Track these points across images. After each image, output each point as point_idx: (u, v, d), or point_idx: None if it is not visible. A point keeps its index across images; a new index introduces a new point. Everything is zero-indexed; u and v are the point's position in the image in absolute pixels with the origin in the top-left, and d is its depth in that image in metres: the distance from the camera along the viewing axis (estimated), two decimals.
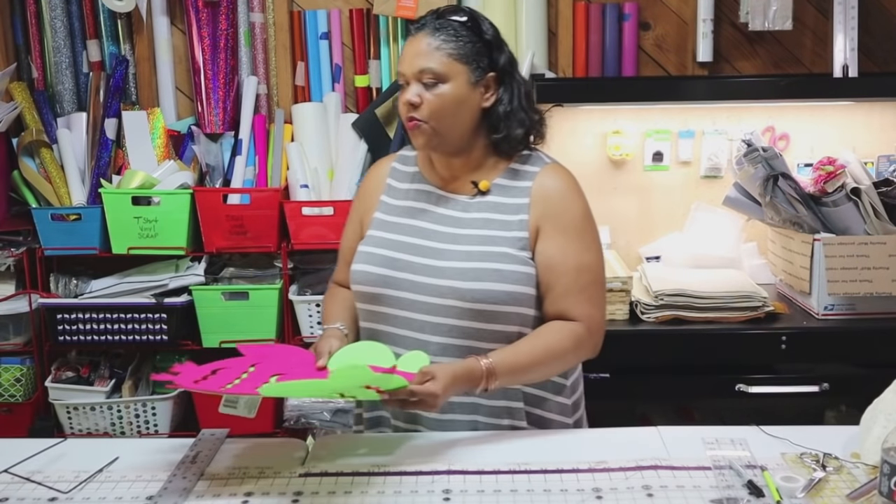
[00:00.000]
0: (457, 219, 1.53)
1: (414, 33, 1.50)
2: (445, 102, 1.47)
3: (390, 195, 1.60)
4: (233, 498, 1.23)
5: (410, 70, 1.47)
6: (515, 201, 1.52)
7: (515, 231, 1.49)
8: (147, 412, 2.50)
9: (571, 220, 1.51)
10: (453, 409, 1.49)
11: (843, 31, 2.39)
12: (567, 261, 1.48)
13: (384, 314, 1.51)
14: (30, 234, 2.50)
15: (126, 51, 2.59)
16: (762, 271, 2.55)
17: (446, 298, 1.46)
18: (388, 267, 1.50)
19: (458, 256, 1.47)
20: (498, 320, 1.46)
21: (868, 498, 1.16)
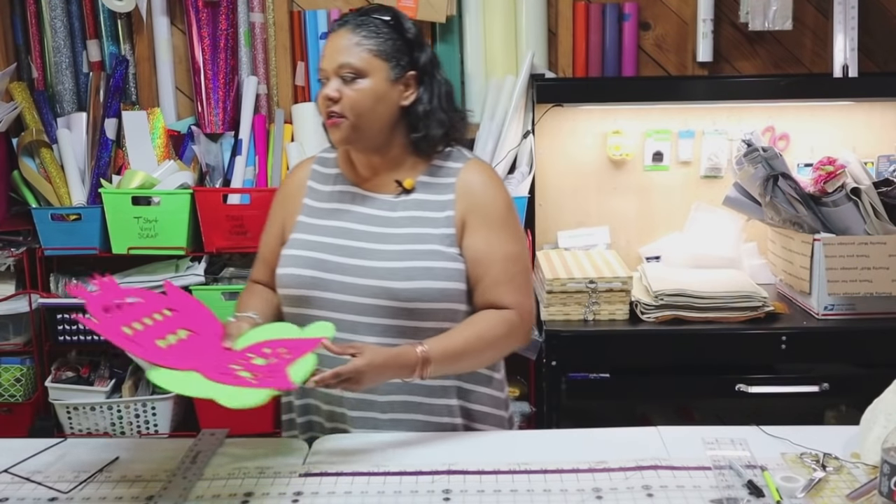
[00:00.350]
0: (383, 218, 1.53)
1: (335, 30, 1.50)
2: (364, 97, 1.47)
3: (312, 198, 1.60)
4: (233, 498, 1.23)
5: (330, 65, 1.48)
6: (441, 198, 1.53)
7: (443, 228, 1.50)
8: (147, 412, 2.50)
9: (496, 212, 1.53)
10: (394, 409, 1.50)
11: (843, 31, 2.39)
12: (494, 252, 1.51)
13: (313, 317, 1.49)
14: (30, 234, 2.50)
15: (126, 51, 2.59)
16: (762, 271, 2.55)
17: (378, 298, 1.46)
18: (316, 269, 1.50)
19: (389, 256, 1.48)
20: (430, 318, 1.48)
21: (868, 498, 1.16)
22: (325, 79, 1.50)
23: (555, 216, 2.61)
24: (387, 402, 1.50)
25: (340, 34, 1.49)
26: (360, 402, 1.49)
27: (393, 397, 1.50)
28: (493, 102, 2.50)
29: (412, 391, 1.50)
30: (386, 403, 1.50)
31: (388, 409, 1.50)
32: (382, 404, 1.50)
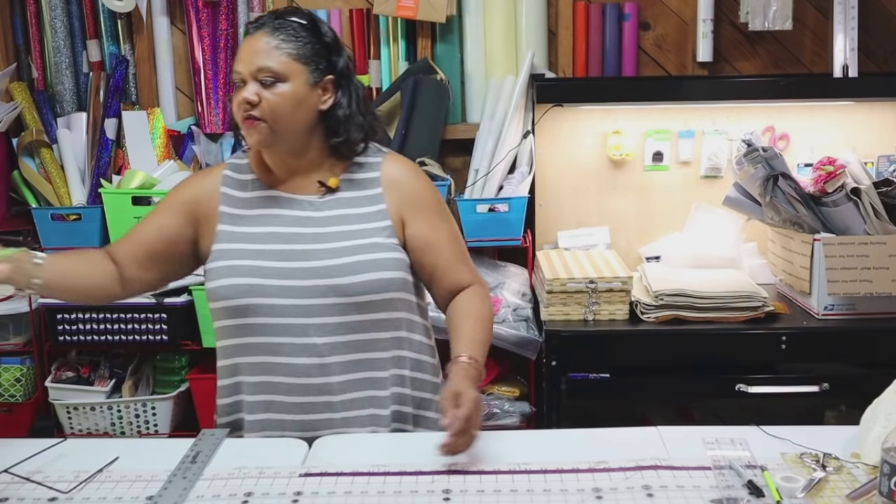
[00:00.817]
0: (311, 219, 1.52)
1: (252, 32, 1.49)
2: (284, 101, 1.47)
3: (230, 205, 1.55)
4: (233, 498, 1.23)
5: (248, 69, 1.46)
6: (368, 193, 1.54)
7: (378, 221, 1.52)
8: (147, 412, 2.50)
9: (428, 198, 1.57)
10: (358, 423, 1.51)
11: (843, 31, 2.39)
12: (440, 236, 1.55)
13: (257, 325, 1.48)
14: (30, 234, 2.50)
15: (126, 51, 2.59)
16: (762, 271, 2.55)
17: (326, 297, 1.46)
18: (253, 276, 1.48)
19: (330, 254, 1.48)
20: (382, 309, 1.49)
21: (868, 498, 1.16)
22: (240, 81, 1.47)
23: (555, 216, 2.61)
24: (340, 402, 1.50)
25: (258, 37, 1.47)
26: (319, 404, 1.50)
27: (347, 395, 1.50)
28: (493, 102, 2.50)
29: (364, 387, 1.50)
30: (339, 403, 1.50)
31: (342, 409, 1.50)
32: (336, 404, 1.50)
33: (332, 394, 1.49)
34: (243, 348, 1.51)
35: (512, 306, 2.40)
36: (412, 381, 1.56)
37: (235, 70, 1.49)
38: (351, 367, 1.49)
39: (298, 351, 1.47)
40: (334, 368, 1.48)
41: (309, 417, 1.49)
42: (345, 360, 1.49)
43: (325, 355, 1.47)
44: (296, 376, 1.48)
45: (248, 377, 1.52)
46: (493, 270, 2.50)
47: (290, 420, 1.50)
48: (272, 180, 1.57)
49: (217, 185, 1.57)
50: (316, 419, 1.50)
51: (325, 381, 1.48)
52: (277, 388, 1.50)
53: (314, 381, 1.48)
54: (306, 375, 1.48)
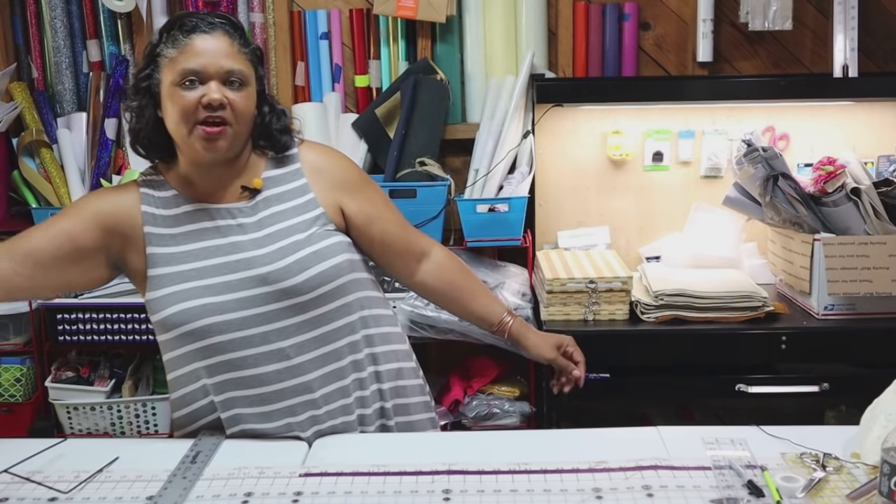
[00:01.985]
0: (246, 225, 1.48)
1: (205, 30, 1.40)
2: (249, 104, 1.44)
3: (156, 225, 1.46)
4: (233, 498, 1.23)
5: (216, 68, 1.38)
6: (293, 185, 1.52)
7: (310, 211, 1.51)
8: (147, 412, 2.50)
9: (354, 176, 1.59)
10: (345, 411, 1.51)
11: (843, 31, 2.39)
12: (378, 208, 1.59)
13: (219, 344, 1.44)
14: None
15: (126, 51, 2.59)
16: (762, 271, 2.54)
17: (281, 301, 1.44)
18: (204, 296, 1.43)
19: (273, 257, 1.45)
20: (337, 296, 1.49)
21: (868, 498, 1.16)
22: (197, 81, 1.38)
23: (555, 216, 2.61)
24: (321, 397, 1.49)
25: (217, 37, 1.40)
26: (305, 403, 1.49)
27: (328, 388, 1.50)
28: (493, 102, 2.50)
29: (342, 375, 1.51)
30: (321, 398, 1.49)
31: (324, 403, 1.50)
32: (317, 400, 1.49)
33: (312, 391, 1.48)
34: (216, 368, 1.46)
35: (512, 306, 2.40)
36: (384, 354, 1.57)
37: (189, 69, 1.37)
38: (322, 360, 1.48)
39: (264, 359, 1.45)
40: (306, 367, 1.47)
41: (290, 420, 1.48)
42: (316, 356, 1.48)
43: (292, 357, 1.46)
44: (268, 385, 1.46)
45: (217, 396, 1.48)
46: (493, 270, 2.50)
47: (271, 427, 1.48)
48: (195, 193, 1.49)
49: (136, 203, 1.47)
50: (298, 421, 1.48)
51: (300, 382, 1.47)
52: (250, 401, 1.47)
53: (288, 384, 1.47)
54: (278, 381, 1.46)
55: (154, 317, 1.46)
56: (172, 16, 1.49)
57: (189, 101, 1.37)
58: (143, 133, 1.47)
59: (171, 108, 1.40)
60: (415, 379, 1.64)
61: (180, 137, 1.41)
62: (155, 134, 1.46)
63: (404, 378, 1.61)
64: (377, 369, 1.56)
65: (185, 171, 1.48)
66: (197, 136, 1.39)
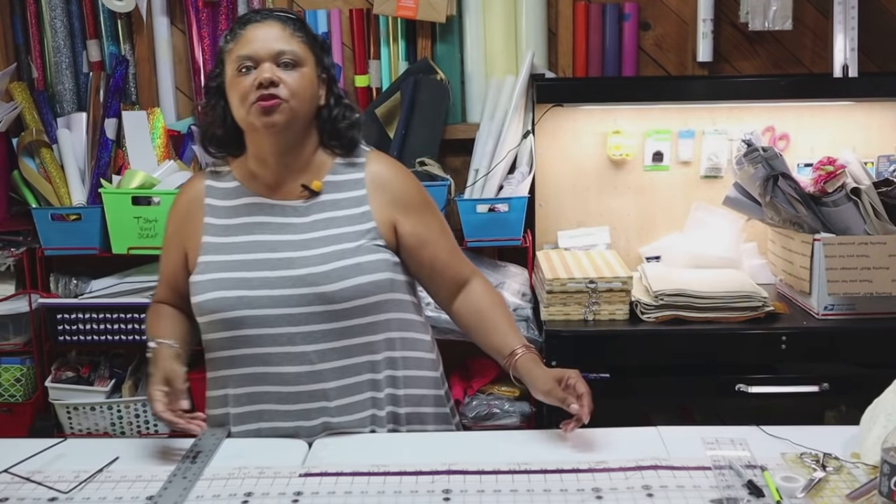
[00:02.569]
0: (297, 225, 1.50)
1: (258, 21, 1.47)
2: (304, 84, 1.46)
3: (214, 215, 1.54)
4: (233, 498, 1.23)
5: (267, 51, 1.43)
6: (352, 195, 1.52)
7: (363, 223, 1.50)
8: (147, 412, 2.50)
9: (415, 195, 1.57)
10: (356, 426, 1.51)
11: (843, 31, 2.39)
12: (433, 232, 1.57)
13: (246, 337, 1.47)
14: (30, 234, 2.50)
15: (126, 51, 2.59)
16: (762, 271, 2.54)
17: (313, 305, 1.45)
18: (241, 288, 1.46)
19: (315, 261, 1.46)
20: (370, 312, 1.48)
21: (868, 498, 1.16)
22: (252, 65, 1.43)
23: (555, 216, 2.61)
24: (336, 407, 1.50)
25: (269, 24, 1.46)
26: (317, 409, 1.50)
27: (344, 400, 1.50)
28: (493, 102, 2.50)
29: (360, 390, 1.51)
30: (335, 408, 1.50)
31: (337, 414, 1.50)
32: (332, 409, 1.49)
33: (328, 399, 1.48)
34: (232, 360, 1.50)
35: (512, 306, 2.40)
36: (405, 379, 1.55)
37: (243, 55, 1.44)
38: (344, 372, 1.48)
39: (288, 360, 1.46)
40: (326, 375, 1.47)
41: (303, 424, 1.49)
42: (336, 367, 1.48)
43: (315, 363, 1.47)
44: (286, 385, 1.47)
45: (236, 389, 1.51)
46: (493, 270, 2.50)
47: (282, 427, 1.49)
48: (256, 187, 1.54)
49: (200, 196, 1.56)
50: (311, 425, 1.49)
51: (318, 388, 1.48)
52: (268, 398, 1.49)
53: (306, 388, 1.48)
54: (297, 384, 1.47)
55: (193, 298, 1.50)
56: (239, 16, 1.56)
57: (245, 84, 1.43)
58: (213, 129, 1.53)
59: (232, 95, 1.46)
60: (438, 407, 1.61)
61: (242, 120, 1.47)
62: (224, 130, 1.53)
63: (423, 405, 1.59)
64: (395, 392, 1.54)
65: (251, 165, 1.53)
66: (254, 113, 1.43)
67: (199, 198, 1.56)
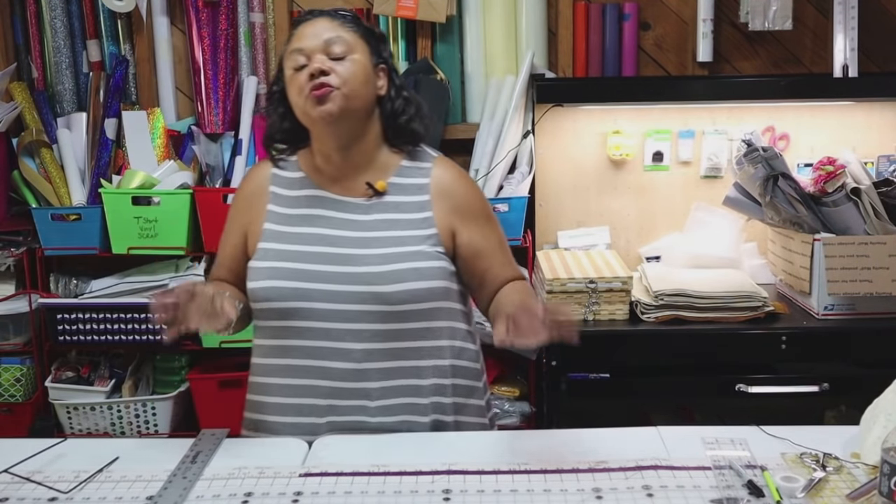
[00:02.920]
0: (358, 222, 1.50)
1: (308, 19, 1.49)
2: (356, 70, 1.46)
3: (278, 203, 1.55)
4: (233, 498, 1.23)
5: (314, 43, 1.45)
6: (416, 199, 1.52)
7: (424, 228, 1.50)
8: (147, 412, 2.50)
9: (478, 205, 1.57)
10: (393, 429, 1.50)
11: (843, 31, 2.39)
12: (491, 242, 1.55)
13: (298, 328, 1.48)
14: (30, 234, 2.50)
15: (126, 51, 2.59)
16: (762, 271, 2.55)
17: (367, 304, 1.45)
18: (298, 279, 1.47)
19: (374, 260, 1.46)
20: (422, 318, 1.48)
21: (868, 498, 1.16)
22: (304, 59, 1.45)
23: (555, 216, 2.61)
24: (376, 408, 1.49)
25: (319, 21, 1.48)
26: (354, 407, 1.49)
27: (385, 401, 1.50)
28: (493, 102, 2.50)
29: (402, 394, 1.50)
30: (376, 409, 1.49)
31: (377, 414, 1.49)
32: (371, 409, 1.49)
33: (369, 399, 1.48)
34: (285, 350, 1.50)
35: None
36: (453, 388, 1.54)
37: (295, 49, 1.46)
38: (389, 373, 1.48)
39: (335, 355, 1.47)
40: (371, 374, 1.47)
41: (341, 419, 1.49)
42: (382, 367, 1.48)
43: (361, 361, 1.47)
44: (331, 380, 1.48)
45: (279, 378, 1.51)
46: None
47: (321, 423, 1.49)
48: (320, 180, 1.55)
49: (265, 183, 1.57)
50: (348, 421, 1.49)
51: (361, 387, 1.48)
52: (310, 391, 1.49)
53: (349, 385, 1.48)
54: (342, 380, 1.47)
55: (249, 283, 1.50)
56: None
57: (300, 79, 1.45)
58: (278, 130, 1.56)
59: (291, 92, 1.48)
60: (479, 417, 1.61)
61: (302, 115, 1.48)
62: (288, 132, 1.55)
63: (465, 414, 1.58)
64: (441, 401, 1.53)
65: (315, 159, 1.54)
66: (310, 104, 1.44)
67: (264, 184, 1.57)
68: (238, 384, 2.49)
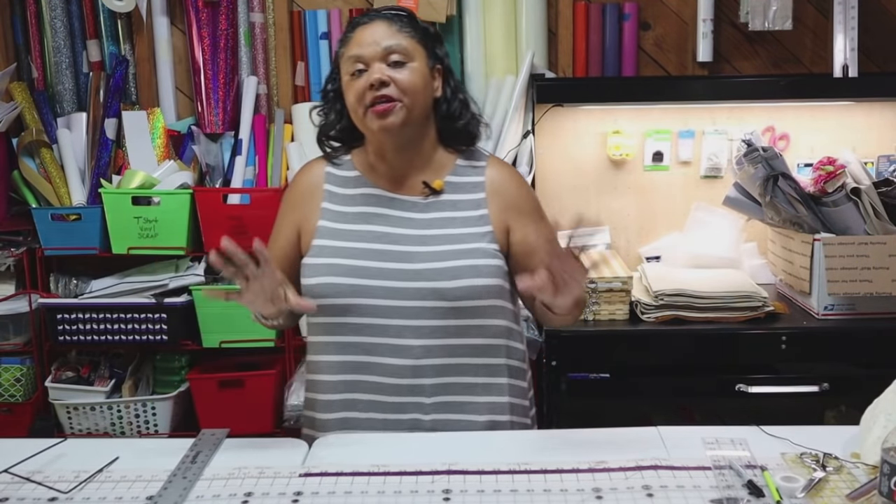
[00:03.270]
0: (416, 220, 1.51)
1: (365, 23, 1.48)
2: (416, 79, 1.46)
3: (332, 201, 1.55)
4: (233, 498, 1.23)
5: (373, 50, 1.45)
6: (472, 197, 1.53)
7: (480, 226, 1.51)
8: (147, 412, 2.50)
9: (530, 203, 1.58)
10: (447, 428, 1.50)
11: (843, 31, 2.39)
12: (542, 240, 1.54)
13: (356, 325, 1.48)
14: (30, 234, 2.50)
15: (126, 51, 2.59)
16: (762, 271, 2.55)
17: (426, 300, 1.46)
18: (356, 276, 1.47)
19: (433, 257, 1.47)
20: (479, 315, 1.48)
21: (868, 498, 1.16)
22: (362, 66, 1.45)
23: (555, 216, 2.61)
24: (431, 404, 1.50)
25: (376, 25, 1.48)
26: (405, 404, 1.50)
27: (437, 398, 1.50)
28: (493, 102, 2.50)
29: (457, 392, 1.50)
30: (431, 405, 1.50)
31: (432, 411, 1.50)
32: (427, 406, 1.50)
33: (425, 395, 1.48)
34: (335, 346, 1.50)
35: None
36: (510, 388, 1.55)
37: (353, 55, 1.46)
38: (445, 370, 1.49)
39: (393, 352, 1.47)
40: (428, 371, 1.48)
41: (395, 417, 1.49)
42: (439, 364, 1.48)
43: (419, 357, 1.47)
44: (388, 376, 1.48)
45: (333, 375, 1.52)
46: None
47: (377, 419, 1.49)
48: (376, 178, 1.56)
49: (319, 181, 1.57)
50: (402, 419, 1.49)
51: (417, 383, 1.48)
52: (366, 388, 1.49)
53: (406, 382, 1.48)
54: (399, 376, 1.48)
55: (304, 280, 1.50)
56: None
57: (359, 88, 1.45)
58: (332, 130, 1.57)
59: (349, 98, 1.48)
60: (523, 417, 1.61)
61: (360, 122, 1.49)
62: (343, 130, 1.57)
63: (524, 416, 1.60)
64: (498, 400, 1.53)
65: (371, 158, 1.55)
66: (370, 117, 1.45)
67: (318, 182, 1.57)
68: (238, 384, 2.49)
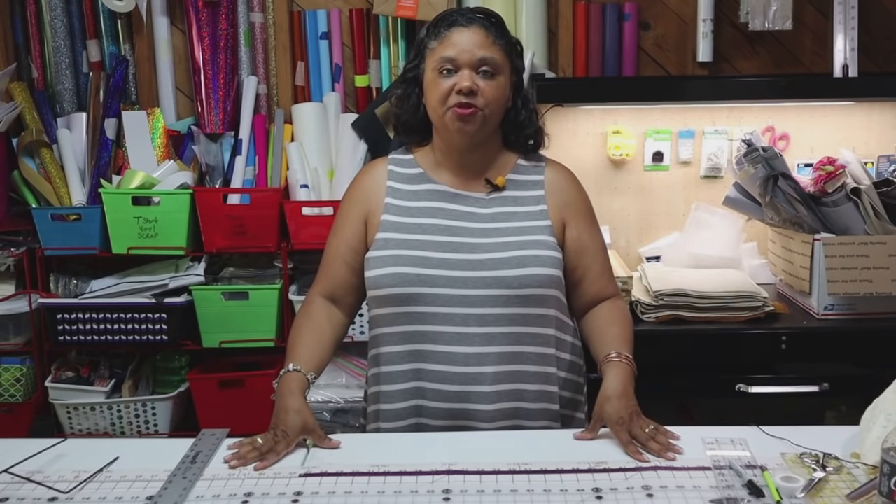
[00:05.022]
0: (478, 214, 1.56)
1: (464, 24, 1.51)
2: (500, 94, 1.52)
3: (396, 197, 1.59)
4: (233, 498, 1.23)
5: (469, 58, 1.49)
6: (531, 193, 1.59)
7: (540, 220, 1.56)
8: (147, 412, 2.50)
9: (586, 205, 1.64)
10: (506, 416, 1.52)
11: (843, 31, 2.39)
12: (595, 243, 1.61)
13: (420, 314, 1.51)
14: (30, 234, 2.50)
15: (126, 51, 2.59)
16: (762, 271, 2.54)
17: (491, 288, 1.49)
18: (421, 266, 1.50)
19: (496, 248, 1.51)
20: (540, 304, 1.52)
21: (868, 498, 1.16)
22: (453, 68, 1.49)
23: None
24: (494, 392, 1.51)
25: (475, 29, 1.50)
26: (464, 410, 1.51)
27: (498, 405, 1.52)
28: None
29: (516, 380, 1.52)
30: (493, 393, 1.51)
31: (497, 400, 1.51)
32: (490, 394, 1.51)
33: (486, 383, 1.50)
34: (406, 336, 1.52)
35: None
36: (563, 380, 1.58)
37: (446, 57, 1.49)
38: (505, 358, 1.50)
39: (456, 340, 1.49)
40: (489, 359, 1.50)
41: (460, 406, 1.50)
42: (500, 352, 1.50)
43: (481, 345, 1.49)
44: (452, 364, 1.50)
45: (396, 366, 1.53)
46: None
47: (442, 408, 1.51)
48: (440, 175, 1.60)
49: (382, 179, 1.61)
50: (466, 408, 1.50)
51: (479, 371, 1.50)
52: (429, 376, 1.51)
53: (469, 370, 1.50)
54: (463, 364, 1.50)
55: (369, 272, 1.53)
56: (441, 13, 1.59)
57: (445, 87, 1.49)
58: (405, 117, 1.61)
59: (431, 93, 1.52)
60: (575, 411, 1.63)
61: (437, 119, 1.53)
62: (415, 119, 1.60)
63: (576, 410, 1.62)
64: (551, 390, 1.55)
65: (438, 156, 1.60)
66: (450, 117, 1.50)
67: (381, 179, 1.61)
68: (238, 384, 2.49)
